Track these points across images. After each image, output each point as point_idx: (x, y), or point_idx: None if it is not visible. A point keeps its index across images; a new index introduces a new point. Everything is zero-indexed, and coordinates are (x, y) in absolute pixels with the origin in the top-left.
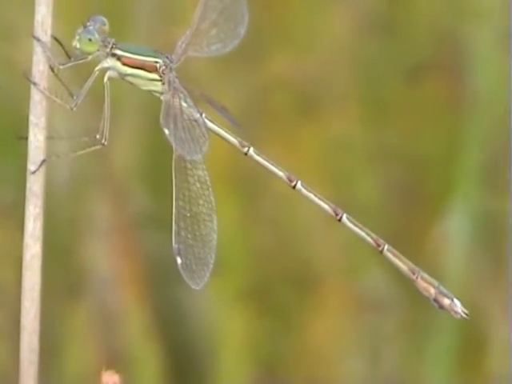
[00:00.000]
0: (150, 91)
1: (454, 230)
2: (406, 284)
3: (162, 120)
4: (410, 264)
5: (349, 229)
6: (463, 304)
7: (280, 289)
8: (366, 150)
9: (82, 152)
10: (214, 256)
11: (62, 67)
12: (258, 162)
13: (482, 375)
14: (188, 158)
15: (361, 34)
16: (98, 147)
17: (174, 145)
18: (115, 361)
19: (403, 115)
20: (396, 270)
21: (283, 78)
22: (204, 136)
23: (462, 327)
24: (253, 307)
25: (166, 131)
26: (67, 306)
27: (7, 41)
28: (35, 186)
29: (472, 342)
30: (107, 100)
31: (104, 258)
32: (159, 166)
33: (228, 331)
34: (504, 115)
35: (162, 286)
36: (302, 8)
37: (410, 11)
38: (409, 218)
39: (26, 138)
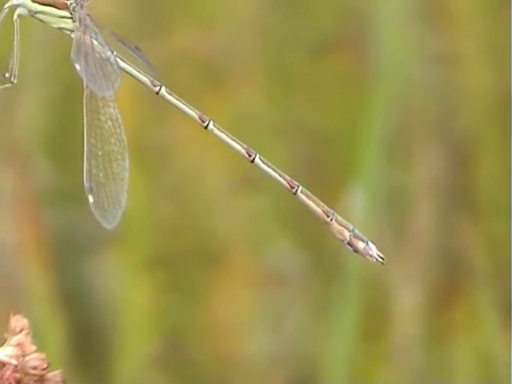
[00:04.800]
0: (60, 29)
1: (359, 204)
2: (310, 255)
3: (72, 55)
4: (325, 206)
5: (262, 170)
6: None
7: (185, 260)
8: (272, 124)
9: None
10: (125, 195)
11: None
12: (169, 102)
13: (386, 345)
14: (100, 94)
15: (267, 7)
16: (7, 86)
17: (85, 81)
18: None
19: (310, 89)
20: (301, 241)
21: (188, 52)
22: (116, 72)
23: (366, 296)
24: (157, 279)
25: (77, 67)
26: None
27: None
28: None
29: (376, 312)
30: (16, 38)
31: (8, 228)
32: (65, 136)
33: (132, 303)
34: (405, 89)
35: (66, 258)
36: None
37: None
38: (315, 192)
39: None
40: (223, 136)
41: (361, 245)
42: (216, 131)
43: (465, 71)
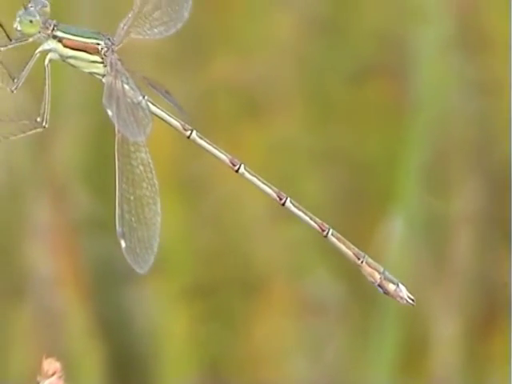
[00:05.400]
0: (91, 74)
1: (397, 232)
2: (348, 283)
3: (104, 101)
4: (356, 249)
5: (292, 213)
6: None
7: (224, 289)
8: (310, 152)
9: (22, 135)
10: (158, 239)
11: (2, 49)
12: (200, 146)
13: (424, 375)
14: (131, 139)
15: (305, 35)
16: (39, 130)
17: (116, 126)
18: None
19: (348, 117)
20: (339, 270)
21: (228, 80)
22: (147, 118)
23: (405, 325)
24: (196, 308)
25: (109, 112)
26: (9, 308)
27: None
28: None
29: (414, 342)
30: (48, 82)
31: (46, 259)
32: (102, 166)
33: (171, 332)
34: (444, 118)
35: (104, 288)
36: (246, 10)
37: (355, 13)
38: (352, 220)
39: None
40: (254, 180)
41: (391, 287)
42: (247, 175)
43: (503, 99)
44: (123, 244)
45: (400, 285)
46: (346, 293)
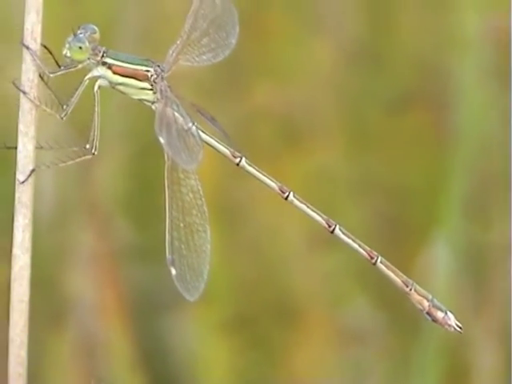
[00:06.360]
0: (140, 100)
1: (438, 261)
2: (388, 313)
3: (156, 128)
4: (404, 277)
5: (341, 241)
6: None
7: (263, 319)
8: (349, 180)
9: (71, 162)
10: (208, 266)
11: (52, 75)
12: (249, 173)
13: None
14: (183, 166)
15: (344, 64)
16: (88, 157)
17: (169, 153)
18: None
19: (387, 146)
20: (379, 299)
21: (267, 108)
22: (198, 145)
23: (447, 356)
24: (236, 338)
25: (162, 140)
26: (52, 335)
27: None
28: (24, 196)
29: (456, 370)
30: (97, 109)
31: (88, 288)
32: (144, 196)
33: (211, 362)
34: (486, 146)
35: (146, 316)
36: (286, 39)
37: (394, 42)
38: (392, 248)
39: (15, 148)
40: (303, 207)
41: (439, 314)
42: (296, 202)
43: None
44: (173, 271)
45: (448, 313)
46: (387, 323)
